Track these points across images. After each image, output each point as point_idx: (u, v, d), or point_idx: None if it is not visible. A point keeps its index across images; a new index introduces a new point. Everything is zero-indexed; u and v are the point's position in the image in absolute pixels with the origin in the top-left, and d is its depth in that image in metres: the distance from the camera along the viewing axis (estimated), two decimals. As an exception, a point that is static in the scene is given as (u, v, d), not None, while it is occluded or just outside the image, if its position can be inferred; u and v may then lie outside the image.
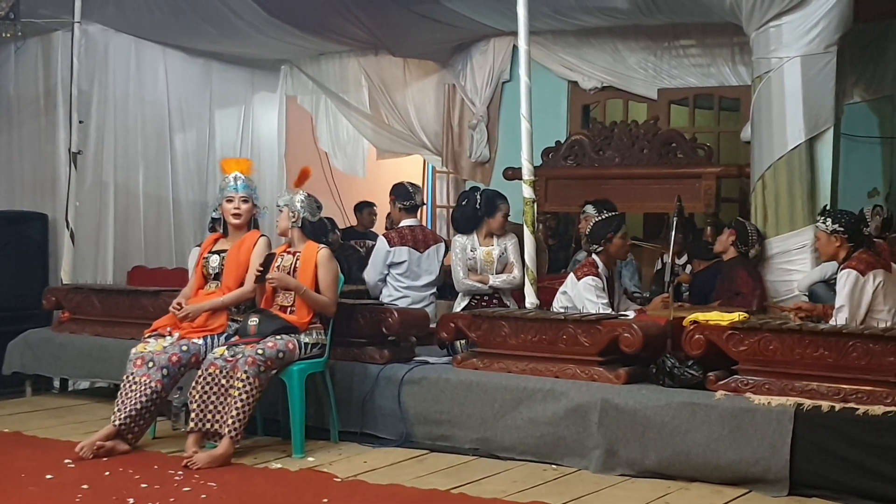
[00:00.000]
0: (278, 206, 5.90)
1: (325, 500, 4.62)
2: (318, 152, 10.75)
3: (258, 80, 10.52)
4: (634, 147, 8.09)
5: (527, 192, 5.87)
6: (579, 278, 6.09)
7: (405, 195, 7.15)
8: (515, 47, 7.52)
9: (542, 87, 8.08)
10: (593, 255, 6.18)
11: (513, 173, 7.98)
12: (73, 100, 7.93)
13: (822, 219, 5.99)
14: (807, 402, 4.77)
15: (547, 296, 6.24)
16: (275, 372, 5.45)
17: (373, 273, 6.98)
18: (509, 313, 5.81)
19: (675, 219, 6.33)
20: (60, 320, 7.47)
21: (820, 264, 6.63)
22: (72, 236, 7.82)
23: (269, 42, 9.18)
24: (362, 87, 10.32)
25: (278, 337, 5.49)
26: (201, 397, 5.33)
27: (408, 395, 5.75)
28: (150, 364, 5.47)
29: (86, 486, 4.76)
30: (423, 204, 8.31)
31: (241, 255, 5.84)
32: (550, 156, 8.39)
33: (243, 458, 5.40)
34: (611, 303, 6.07)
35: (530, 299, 5.88)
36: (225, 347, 5.46)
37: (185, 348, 5.57)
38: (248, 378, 5.29)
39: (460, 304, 6.54)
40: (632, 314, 5.87)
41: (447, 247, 7.14)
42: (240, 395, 5.27)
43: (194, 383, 5.38)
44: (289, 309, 5.67)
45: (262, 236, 5.94)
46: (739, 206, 8.26)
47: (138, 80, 9.28)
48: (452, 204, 9.30)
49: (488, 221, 6.57)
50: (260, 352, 5.36)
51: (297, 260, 5.73)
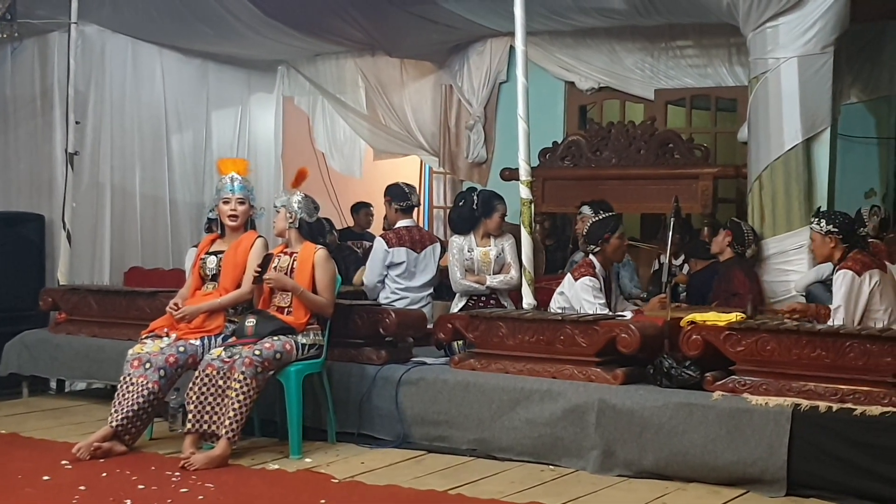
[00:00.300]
0: (275, 207, 5.89)
1: (323, 501, 4.62)
2: (315, 153, 10.73)
3: (255, 81, 10.51)
4: (631, 148, 8.08)
5: (524, 192, 5.86)
6: (576, 279, 6.08)
7: (401, 196, 7.12)
8: (512, 48, 7.51)
9: (539, 87, 8.07)
10: (590, 256, 6.17)
11: (510, 174, 7.99)
12: (69, 100, 7.90)
13: (817, 220, 5.97)
14: (804, 403, 4.77)
15: (544, 296, 6.24)
16: (272, 373, 5.45)
17: (372, 275, 6.95)
18: (507, 314, 5.81)
19: (671, 219, 6.31)
20: (57, 321, 7.45)
21: (816, 265, 6.63)
22: (68, 237, 7.80)
23: (265, 43, 9.16)
24: (359, 88, 10.31)
25: (276, 338, 5.48)
26: (198, 398, 5.33)
27: (405, 395, 5.75)
28: (147, 365, 5.47)
29: (83, 488, 4.76)
30: (419, 204, 8.29)
31: (239, 256, 5.84)
32: (547, 156, 8.38)
33: (240, 459, 5.40)
34: (608, 303, 6.07)
35: (527, 300, 5.87)
36: (222, 348, 5.45)
37: (182, 349, 5.56)
38: (245, 379, 5.28)
39: (458, 305, 6.54)
40: (629, 315, 5.87)
41: (444, 247, 7.13)
42: (237, 395, 5.27)
43: (191, 384, 5.38)
44: (286, 310, 5.66)
45: (260, 237, 5.94)
46: (736, 206, 8.26)
47: (135, 81, 9.27)
48: (449, 205, 9.28)
49: (485, 222, 6.57)
50: (257, 353, 5.36)
51: (295, 261, 5.73)
